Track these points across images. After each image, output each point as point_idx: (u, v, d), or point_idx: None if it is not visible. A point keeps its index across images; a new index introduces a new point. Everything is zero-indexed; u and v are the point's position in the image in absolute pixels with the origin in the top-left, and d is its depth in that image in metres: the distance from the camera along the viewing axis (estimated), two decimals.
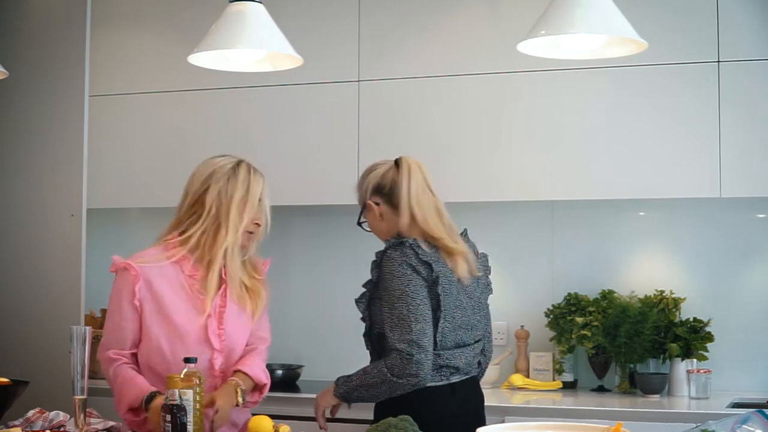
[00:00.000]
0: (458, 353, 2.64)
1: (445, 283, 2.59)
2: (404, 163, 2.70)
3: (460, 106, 3.63)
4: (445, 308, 2.59)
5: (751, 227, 3.61)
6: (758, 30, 3.34)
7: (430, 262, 2.57)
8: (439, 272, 2.58)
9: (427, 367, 2.53)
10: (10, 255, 3.68)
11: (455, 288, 2.64)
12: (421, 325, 2.53)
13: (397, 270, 2.57)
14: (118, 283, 2.67)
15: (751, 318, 3.56)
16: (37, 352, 3.38)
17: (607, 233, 3.75)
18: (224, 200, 2.60)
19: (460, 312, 2.64)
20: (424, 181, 2.69)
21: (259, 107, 3.87)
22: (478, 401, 2.76)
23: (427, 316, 2.55)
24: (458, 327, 2.63)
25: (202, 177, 2.67)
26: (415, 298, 2.55)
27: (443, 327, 2.59)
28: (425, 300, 2.56)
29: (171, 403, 2.24)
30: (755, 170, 3.32)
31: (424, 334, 2.53)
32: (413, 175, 2.67)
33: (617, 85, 3.46)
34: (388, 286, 2.57)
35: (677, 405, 3.31)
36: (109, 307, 2.70)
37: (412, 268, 2.56)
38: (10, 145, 3.73)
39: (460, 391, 2.66)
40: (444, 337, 2.60)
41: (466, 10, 3.65)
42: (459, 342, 2.64)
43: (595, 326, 3.53)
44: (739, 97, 3.35)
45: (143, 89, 4.01)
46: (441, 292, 2.57)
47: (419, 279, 2.56)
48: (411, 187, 2.65)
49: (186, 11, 3.90)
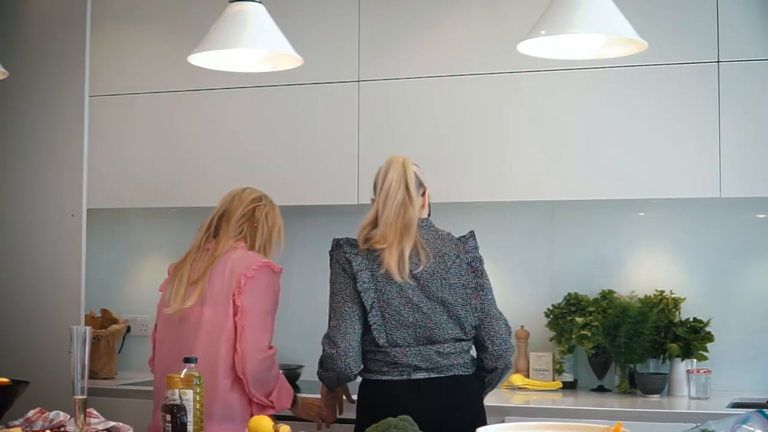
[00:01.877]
0: (413, 351, 2.63)
1: (365, 279, 2.63)
2: (388, 159, 2.75)
3: (460, 107, 3.62)
4: (374, 305, 2.62)
5: (751, 227, 3.60)
6: (758, 30, 3.33)
7: (351, 259, 2.65)
8: (359, 269, 2.64)
9: (341, 361, 2.62)
10: (11, 255, 3.68)
11: (395, 286, 2.63)
12: (337, 321, 2.65)
13: (332, 268, 2.72)
14: (276, 284, 2.88)
15: (751, 318, 3.55)
16: (38, 352, 3.38)
17: (607, 233, 3.75)
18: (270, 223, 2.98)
19: (401, 311, 2.63)
20: (401, 174, 2.69)
21: (258, 107, 3.86)
22: (458, 400, 2.70)
23: (346, 314, 2.64)
24: (401, 326, 2.63)
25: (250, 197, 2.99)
26: (338, 294, 2.67)
27: (374, 322, 2.62)
28: (348, 297, 2.65)
29: (171, 403, 2.24)
30: (755, 170, 3.31)
31: (338, 330, 2.64)
32: (390, 169, 2.71)
33: (617, 86, 3.45)
34: (330, 282, 2.73)
35: (677, 405, 3.29)
36: (271, 308, 2.88)
37: (340, 266, 2.68)
38: (10, 145, 3.73)
39: (426, 388, 2.64)
40: (388, 336, 2.63)
41: (466, 10, 3.65)
42: (410, 341, 2.63)
43: (595, 326, 3.52)
44: (739, 97, 3.34)
45: (143, 89, 4.00)
46: (360, 288, 2.62)
47: (345, 276, 2.66)
48: (385, 182, 2.69)
49: (186, 11, 3.90)
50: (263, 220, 2.97)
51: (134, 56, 4.02)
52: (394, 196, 2.67)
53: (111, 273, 4.27)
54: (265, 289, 2.85)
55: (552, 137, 3.51)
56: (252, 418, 2.37)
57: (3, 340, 3.44)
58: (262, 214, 2.97)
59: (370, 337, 2.65)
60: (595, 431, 1.87)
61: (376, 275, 2.64)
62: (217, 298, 2.84)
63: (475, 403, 2.77)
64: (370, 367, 2.69)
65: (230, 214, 2.95)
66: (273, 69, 2.84)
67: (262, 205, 2.98)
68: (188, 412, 2.26)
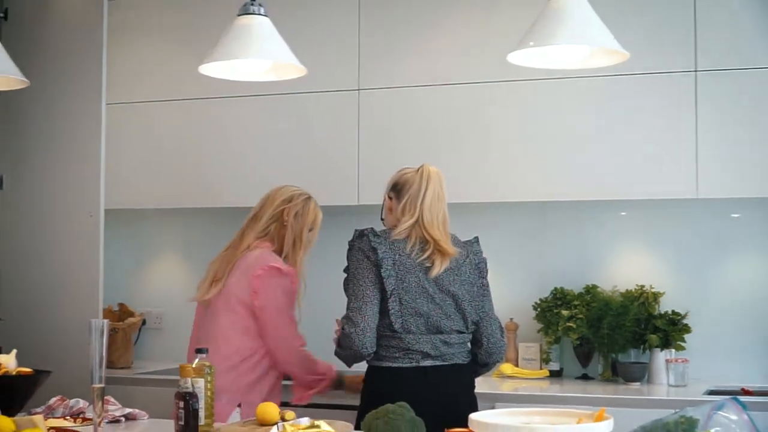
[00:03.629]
0: (425, 339, 2.68)
1: (388, 266, 2.65)
2: (425, 170, 2.78)
3: (454, 113, 3.62)
4: (393, 291, 2.65)
5: (726, 226, 3.59)
6: (733, 41, 3.32)
7: (376, 247, 2.66)
8: (384, 257, 2.65)
9: (358, 340, 2.64)
10: (34, 253, 3.68)
11: (414, 276, 2.67)
12: (358, 303, 2.66)
13: (353, 256, 2.72)
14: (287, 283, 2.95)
15: (726, 311, 3.55)
16: (59, 344, 3.37)
17: (591, 232, 3.74)
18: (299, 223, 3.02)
19: (417, 299, 2.67)
20: (440, 190, 2.76)
21: (264, 114, 3.85)
22: (457, 387, 2.74)
23: (367, 297, 2.66)
24: (416, 313, 2.67)
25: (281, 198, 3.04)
26: (360, 279, 2.67)
27: (392, 307, 2.65)
28: (370, 283, 2.66)
29: (184, 390, 2.24)
30: (730, 173, 3.31)
31: (358, 311, 2.65)
32: (431, 182, 2.75)
33: (601, 94, 3.45)
34: (348, 269, 2.73)
35: (656, 392, 3.30)
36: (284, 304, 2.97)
37: (363, 253, 2.69)
38: (32, 150, 3.74)
39: (433, 375, 2.68)
40: (404, 322, 2.66)
41: (461, 23, 3.64)
42: (423, 328, 2.68)
43: (580, 319, 3.54)
44: (715, 105, 3.34)
45: (156, 98, 4.00)
46: (384, 274, 2.64)
47: (368, 263, 2.67)
48: (427, 194, 2.73)
49: (196, 24, 3.88)
50: (292, 220, 2.99)
51: (148, 67, 4.01)
52: (438, 209, 2.73)
53: (127, 270, 4.27)
54: (275, 288, 2.91)
55: (540, 142, 3.50)
56: (259, 405, 2.36)
57: (26, 333, 3.42)
58: (290, 214, 2.99)
59: (386, 321, 2.67)
60: (579, 417, 1.83)
61: (397, 264, 2.67)
62: (229, 294, 2.93)
63: (470, 390, 2.81)
64: (381, 353, 2.70)
65: (260, 215, 3.01)
66: (278, 78, 2.84)
67: (292, 206, 3.00)
68: (200, 399, 2.26)
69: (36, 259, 3.68)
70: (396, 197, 2.80)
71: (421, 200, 2.73)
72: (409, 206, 2.74)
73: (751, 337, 3.52)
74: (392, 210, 2.82)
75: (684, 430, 1.85)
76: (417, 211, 2.72)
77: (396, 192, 2.80)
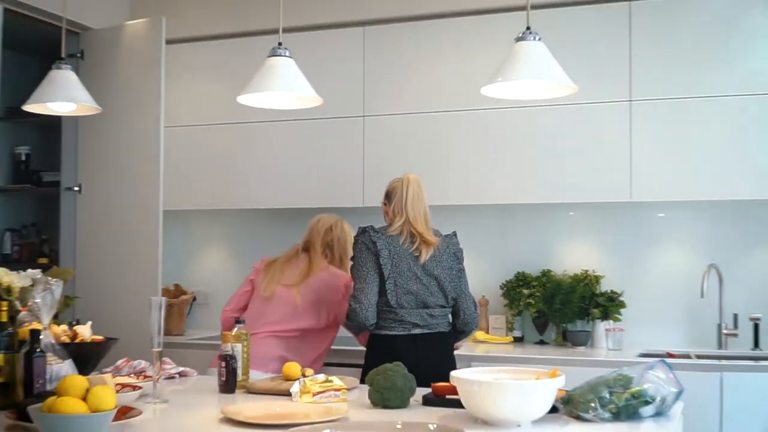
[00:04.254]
0: (413, 313, 2.67)
1: (385, 256, 2.65)
2: (405, 178, 2.79)
3: (441, 135, 3.59)
4: (389, 275, 2.65)
5: (653, 223, 3.58)
6: (662, 75, 3.31)
7: (376, 241, 2.67)
8: (381, 249, 2.65)
9: (362, 314, 2.63)
10: (105, 244, 3.70)
11: (406, 263, 2.67)
12: (361, 285, 2.65)
13: (357, 248, 2.71)
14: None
15: (653, 290, 3.54)
16: (126, 316, 3.36)
17: (546, 228, 3.72)
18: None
19: (408, 281, 2.66)
20: (418, 190, 2.76)
21: (288, 135, 3.83)
22: (441, 352, 2.72)
23: (369, 280, 2.65)
24: (407, 292, 2.66)
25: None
26: (363, 266, 2.67)
27: (389, 288, 2.64)
28: (371, 268, 2.66)
29: (225, 353, 2.25)
30: (657, 181, 3.30)
31: (361, 291, 2.65)
32: (410, 186, 2.76)
33: (555, 119, 3.42)
34: (353, 258, 2.73)
35: (598, 355, 3.27)
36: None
37: (365, 246, 2.68)
38: (104, 163, 3.75)
39: (422, 342, 2.67)
40: (398, 299, 2.65)
41: (445, 63, 3.61)
42: (413, 304, 2.67)
43: (537, 296, 3.53)
44: (646, 127, 3.32)
45: (204, 122, 3.99)
46: (382, 262, 2.64)
47: (369, 253, 2.67)
48: (408, 196, 2.75)
49: (234, 63, 3.86)
50: (336, 242, 3.04)
51: (197, 97, 4.00)
52: (419, 207, 2.74)
53: (181, 257, 4.24)
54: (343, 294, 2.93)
55: (509, 158, 3.48)
56: (285, 365, 2.37)
57: (99, 308, 3.42)
58: (335, 238, 3.04)
59: (384, 299, 2.66)
60: (537, 374, 1.85)
61: (392, 254, 2.66)
62: (306, 298, 2.91)
63: (451, 353, 2.80)
64: (381, 324, 2.69)
65: (313, 243, 3.03)
66: (300, 107, 2.81)
67: (334, 234, 3.05)
68: (238, 360, 2.28)
69: (107, 249, 3.69)
70: (388, 202, 2.82)
71: (405, 202, 2.74)
72: (398, 209, 2.76)
73: (674, 311, 3.52)
74: (387, 213, 2.84)
75: (621, 385, 1.86)
76: (404, 212, 2.74)
77: (388, 198, 2.83)
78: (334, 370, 2.99)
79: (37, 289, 2.01)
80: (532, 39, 2.17)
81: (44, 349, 1.91)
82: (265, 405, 1.97)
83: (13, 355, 1.89)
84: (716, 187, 3.23)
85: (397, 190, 2.78)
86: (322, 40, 3.79)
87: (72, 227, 3.82)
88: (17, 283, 2.11)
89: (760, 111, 3.19)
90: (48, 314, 1.99)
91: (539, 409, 1.77)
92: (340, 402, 2.02)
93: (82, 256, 3.77)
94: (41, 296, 1.98)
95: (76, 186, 3.82)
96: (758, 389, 2.91)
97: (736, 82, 3.22)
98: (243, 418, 1.80)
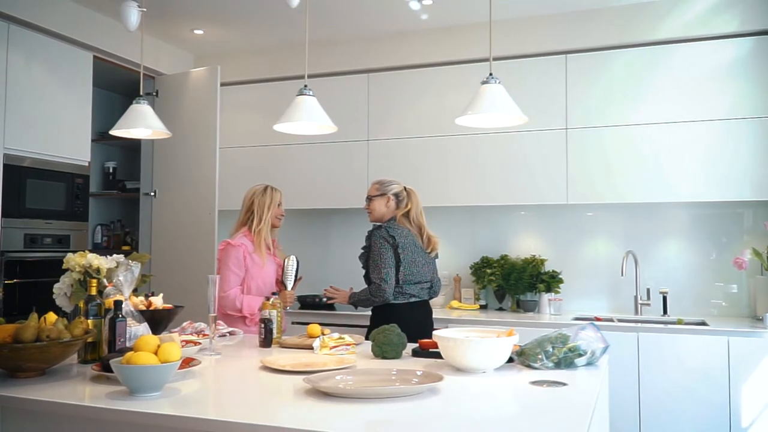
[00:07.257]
0: (414, 287, 2.63)
1: (402, 247, 2.58)
2: (413, 193, 2.73)
3: (430, 154, 3.57)
4: (404, 262, 2.59)
5: (584, 221, 3.56)
6: (590, 109, 3.29)
7: (394, 236, 2.60)
8: (399, 242, 2.58)
9: (388, 292, 2.55)
10: (175, 236, 3.69)
11: (415, 253, 2.63)
12: (386, 270, 2.56)
13: (377, 240, 2.61)
14: (229, 253, 2.66)
15: (584, 271, 3.52)
16: (189, 289, 3.38)
17: (503, 224, 3.69)
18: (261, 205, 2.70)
19: (415, 266, 2.63)
20: (418, 201, 2.74)
21: (311, 154, 3.81)
22: (427, 314, 2.71)
23: (390, 265, 2.57)
24: (414, 273, 2.62)
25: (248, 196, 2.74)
26: (384, 255, 2.57)
27: (402, 271, 2.59)
28: (390, 257, 2.58)
29: (264, 317, 2.24)
30: (587, 188, 3.28)
31: (387, 274, 2.56)
32: (415, 198, 2.73)
33: (512, 142, 3.41)
34: (373, 248, 2.61)
35: (543, 319, 3.26)
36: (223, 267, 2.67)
37: (384, 239, 2.60)
38: (174, 174, 3.74)
39: (417, 308, 2.65)
40: (405, 278, 2.60)
41: (432, 99, 3.58)
42: (414, 281, 2.63)
43: (497, 274, 3.52)
44: (578, 148, 3.30)
45: (248, 144, 3.97)
46: (400, 252, 2.58)
47: (387, 245, 2.59)
48: (418, 208, 2.72)
49: (272, 100, 3.86)
50: (256, 206, 2.72)
51: (243, 125, 3.98)
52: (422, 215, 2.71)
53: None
54: (221, 258, 2.67)
55: (476, 170, 3.47)
56: (308, 326, 2.31)
57: (169, 283, 3.43)
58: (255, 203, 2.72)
59: (396, 278, 2.60)
60: (498, 333, 1.86)
61: (405, 245, 2.60)
62: None
63: (431, 316, 2.77)
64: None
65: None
66: (320, 133, 2.73)
67: (254, 197, 2.72)
68: (273, 323, 2.27)
69: (176, 240, 3.68)
70: (397, 201, 2.72)
71: (413, 208, 2.70)
72: (412, 215, 2.69)
73: (600, 286, 3.49)
74: (389, 207, 2.72)
75: (561, 342, 1.85)
76: (414, 216, 2.70)
77: (398, 199, 2.73)
78: (346, 330, 3.00)
79: (121, 270, 2.00)
80: (493, 82, 2.17)
81: (125, 315, 1.89)
82: (294, 356, 1.96)
83: (100, 320, 1.87)
84: (632, 192, 3.22)
85: (407, 199, 2.71)
86: (337, 83, 3.77)
87: (148, 222, 3.82)
88: (105, 265, 2.09)
89: (660, 136, 3.18)
90: (128, 288, 1.97)
91: (499, 360, 1.77)
92: (350, 354, 2.02)
93: (156, 244, 3.76)
94: (123, 275, 1.97)
95: (152, 192, 3.82)
96: (666, 345, 2.90)
97: (642, 114, 3.21)
98: (278, 366, 1.80)
